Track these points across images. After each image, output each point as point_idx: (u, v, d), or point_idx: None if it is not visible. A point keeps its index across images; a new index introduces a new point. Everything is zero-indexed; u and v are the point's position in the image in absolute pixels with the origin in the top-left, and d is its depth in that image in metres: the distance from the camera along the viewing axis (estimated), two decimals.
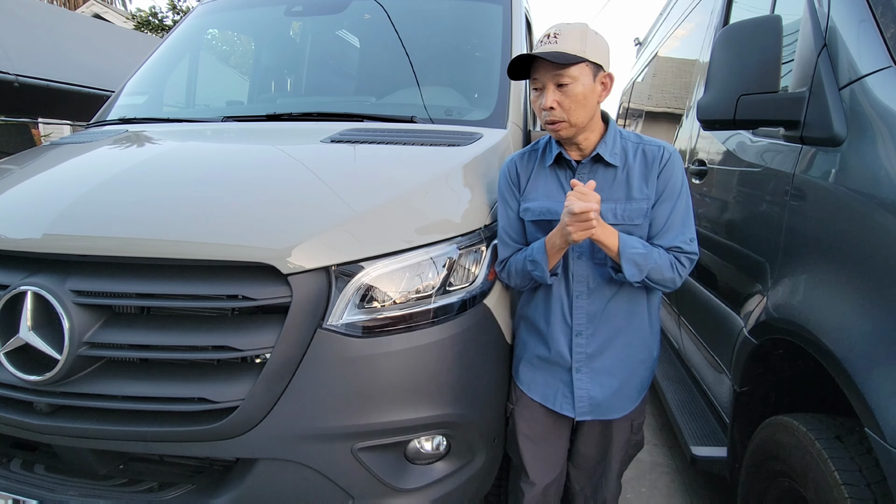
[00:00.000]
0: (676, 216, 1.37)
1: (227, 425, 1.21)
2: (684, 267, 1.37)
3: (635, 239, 1.34)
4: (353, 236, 1.30)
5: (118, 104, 2.44)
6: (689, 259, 1.37)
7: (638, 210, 1.37)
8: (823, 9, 1.36)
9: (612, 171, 1.40)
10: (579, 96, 1.31)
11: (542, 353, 1.49)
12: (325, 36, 2.76)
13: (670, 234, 1.36)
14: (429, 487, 1.37)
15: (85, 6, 13.93)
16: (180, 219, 1.31)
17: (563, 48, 1.29)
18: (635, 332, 1.46)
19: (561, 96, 1.32)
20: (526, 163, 1.50)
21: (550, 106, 1.32)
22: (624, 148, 1.41)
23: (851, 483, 1.06)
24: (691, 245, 1.37)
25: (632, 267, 1.31)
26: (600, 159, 1.39)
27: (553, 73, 1.31)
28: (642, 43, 5.42)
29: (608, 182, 1.39)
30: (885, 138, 1.10)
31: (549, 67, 1.31)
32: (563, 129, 1.35)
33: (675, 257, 1.36)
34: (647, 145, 1.41)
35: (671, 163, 1.38)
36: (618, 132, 1.43)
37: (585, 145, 1.40)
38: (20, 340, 1.23)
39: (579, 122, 1.34)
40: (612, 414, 1.48)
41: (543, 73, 1.32)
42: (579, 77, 1.31)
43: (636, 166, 1.39)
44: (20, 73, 4.95)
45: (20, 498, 1.32)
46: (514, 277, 1.45)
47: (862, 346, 1.04)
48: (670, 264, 1.35)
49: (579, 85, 1.31)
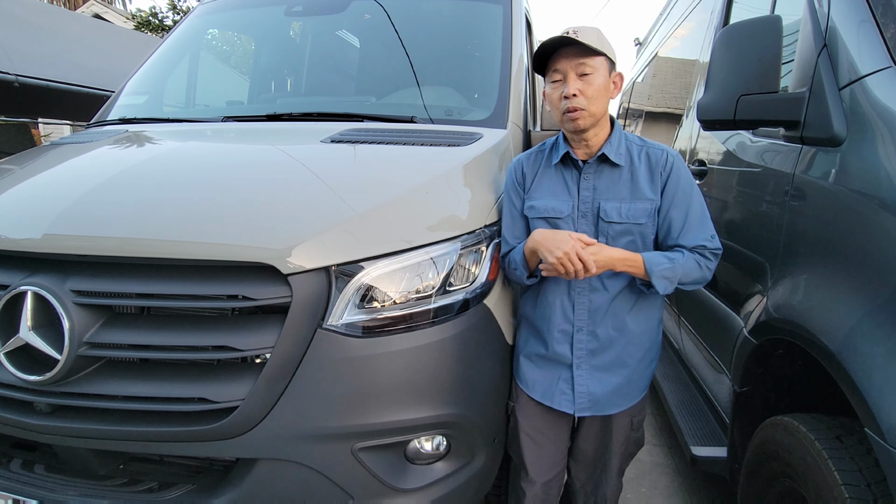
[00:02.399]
0: (693, 217, 1.40)
1: (227, 425, 1.21)
2: (711, 261, 1.40)
3: (658, 254, 1.37)
4: (353, 236, 1.30)
5: (118, 104, 2.44)
6: (714, 254, 1.40)
7: (642, 210, 1.39)
8: (823, 9, 1.36)
9: (618, 171, 1.42)
10: (600, 87, 1.36)
11: (542, 350, 1.50)
12: (325, 36, 2.76)
13: (691, 235, 1.39)
14: (429, 487, 1.37)
15: (85, 6, 13.92)
16: (180, 219, 1.31)
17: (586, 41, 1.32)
18: (636, 329, 1.46)
19: (583, 85, 1.35)
20: (532, 162, 1.53)
21: (573, 93, 1.34)
22: (629, 149, 1.44)
23: (851, 483, 1.06)
24: (713, 241, 1.40)
25: (663, 281, 1.35)
26: (606, 159, 1.42)
27: (577, 62, 1.34)
28: (642, 43, 5.41)
29: (613, 181, 1.42)
30: (885, 138, 1.10)
31: (573, 56, 1.34)
32: (583, 117, 1.36)
33: (701, 254, 1.38)
34: (650, 148, 1.44)
35: (675, 167, 1.41)
36: (622, 134, 1.46)
37: (594, 143, 1.42)
38: (20, 340, 1.23)
39: (598, 112, 1.37)
40: (611, 410, 1.49)
41: (566, 62, 1.35)
42: (599, 69, 1.36)
43: (641, 167, 1.41)
44: (20, 73, 4.94)
45: (20, 498, 1.32)
46: (511, 273, 1.50)
47: (862, 347, 1.04)
48: (697, 264, 1.37)
49: (600, 76, 1.36)
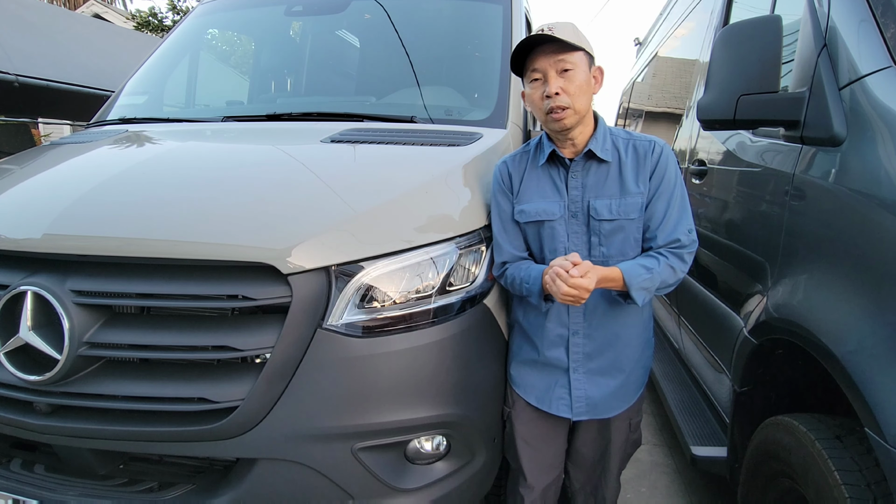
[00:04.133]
0: (673, 209, 1.37)
1: (227, 425, 1.21)
2: (685, 263, 1.36)
3: (637, 266, 1.32)
4: (353, 236, 1.30)
5: (118, 104, 2.44)
6: (689, 252, 1.37)
7: (633, 205, 1.37)
8: (823, 9, 1.36)
9: (605, 168, 1.39)
10: (582, 83, 1.33)
11: (537, 355, 1.48)
12: (325, 36, 2.76)
13: (668, 227, 1.36)
14: (429, 487, 1.37)
15: (85, 6, 13.93)
16: (180, 219, 1.31)
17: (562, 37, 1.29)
18: (631, 332, 1.46)
19: (565, 82, 1.32)
20: (517, 164, 1.49)
21: (556, 91, 1.31)
22: (615, 144, 1.41)
23: (851, 483, 1.05)
24: (690, 235, 1.37)
25: (642, 293, 1.31)
26: (592, 156, 1.39)
27: (555, 59, 1.31)
28: (642, 43, 5.41)
29: (602, 178, 1.39)
30: (885, 138, 1.10)
31: (551, 53, 1.31)
32: (568, 116, 1.33)
33: (674, 253, 1.35)
34: (637, 140, 1.41)
35: (663, 156, 1.38)
36: (607, 129, 1.43)
37: (580, 140, 1.39)
38: (20, 340, 1.23)
39: (582, 109, 1.34)
40: (609, 413, 1.48)
41: (545, 60, 1.32)
42: (579, 64, 1.33)
43: (628, 161, 1.39)
44: (20, 73, 4.94)
45: (20, 498, 1.32)
46: (513, 288, 1.44)
47: (862, 346, 1.04)
48: (672, 270, 1.34)
49: (580, 71, 1.33)
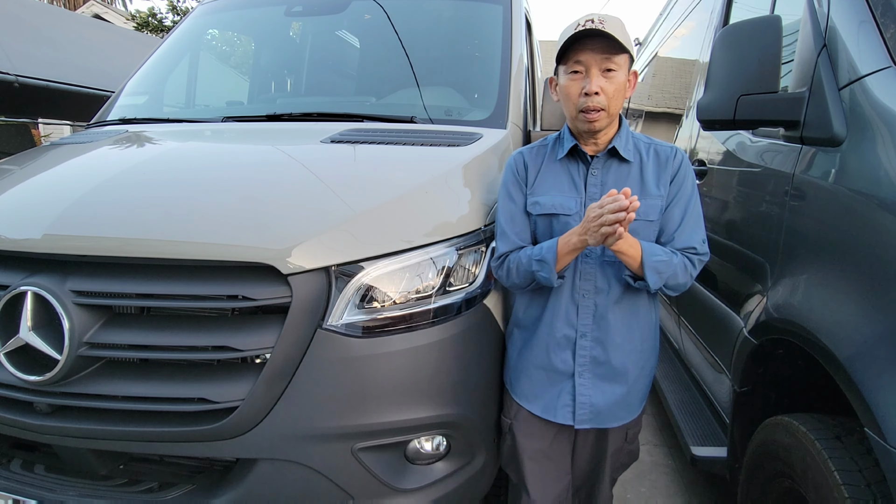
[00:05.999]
0: (690, 216, 1.35)
1: (227, 425, 1.21)
2: (695, 268, 1.35)
3: (656, 246, 1.31)
4: (353, 236, 1.30)
5: (118, 104, 2.44)
6: (701, 261, 1.36)
7: (653, 206, 1.34)
8: (823, 9, 1.36)
9: (626, 167, 1.37)
10: (620, 86, 1.28)
11: (542, 361, 1.42)
12: (325, 36, 2.76)
13: (685, 235, 1.35)
14: (429, 487, 1.37)
15: (85, 6, 13.92)
16: (180, 219, 1.31)
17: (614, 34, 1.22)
18: (639, 335, 1.42)
19: (605, 83, 1.26)
20: (535, 155, 1.44)
21: (596, 90, 1.25)
22: (636, 146, 1.39)
23: (851, 483, 1.05)
24: (704, 246, 1.36)
25: (654, 275, 1.27)
26: (615, 154, 1.36)
27: (603, 57, 1.25)
28: (642, 43, 5.41)
29: (622, 177, 1.37)
30: (885, 138, 1.10)
31: (600, 51, 1.25)
32: (602, 118, 1.28)
33: (689, 259, 1.34)
34: (658, 146, 1.40)
35: (684, 164, 1.37)
36: (630, 131, 1.41)
37: (603, 140, 1.36)
38: (20, 340, 1.23)
39: (615, 112, 1.31)
40: (612, 422, 1.43)
41: (591, 55, 1.25)
42: (623, 66, 1.28)
43: (650, 164, 1.37)
44: (20, 73, 4.94)
45: (20, 498, 1.32)
46: (514, 276, 1.37)
47: (862, 347, 1.04)
48: (684, 268, 1.33)
49: (622, 74, 1.28)
